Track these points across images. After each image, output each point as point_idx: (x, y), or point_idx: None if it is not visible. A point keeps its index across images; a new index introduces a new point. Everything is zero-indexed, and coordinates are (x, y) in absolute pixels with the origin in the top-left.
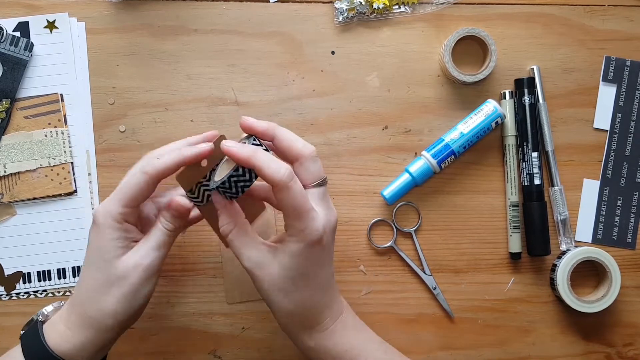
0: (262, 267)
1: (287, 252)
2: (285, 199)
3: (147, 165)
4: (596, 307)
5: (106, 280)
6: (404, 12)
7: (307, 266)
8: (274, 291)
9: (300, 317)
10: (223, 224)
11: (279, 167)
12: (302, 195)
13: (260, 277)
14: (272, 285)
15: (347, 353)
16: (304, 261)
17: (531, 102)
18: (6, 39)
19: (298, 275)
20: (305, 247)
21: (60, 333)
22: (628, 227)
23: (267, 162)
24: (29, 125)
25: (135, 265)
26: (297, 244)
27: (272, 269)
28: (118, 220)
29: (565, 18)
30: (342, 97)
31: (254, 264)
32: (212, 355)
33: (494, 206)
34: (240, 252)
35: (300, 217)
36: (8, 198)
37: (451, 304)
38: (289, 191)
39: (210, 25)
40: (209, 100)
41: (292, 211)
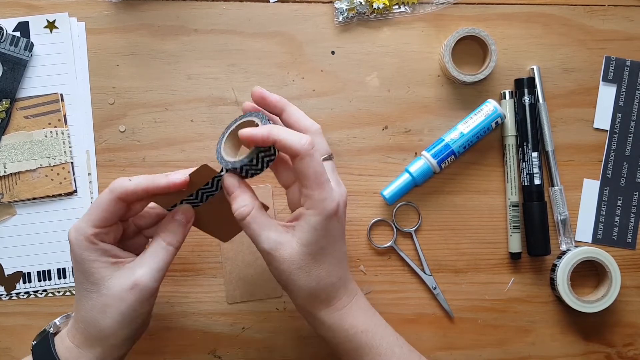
0: (281, 246)
1: (306, 227)
2: (308, 167)
3: (116, 185)
4: (596, 307)
5: (102, 302)
6: (404, 12)
7: (326, 240)
8: (295, 270)
9: (320, 294)
10: (240, 206)
11: (300, 137)
12: (321, 164)
13: (280, 257)
14: (293, 264)
15: (364, 334)
16: (323, 235)
17: (531, 102)
18: (6, 39)
19: (317, 250)
20: (324, 220)
21: (69, 349)
22: (628, 227)
23: (286, 133)
24: (29, 125)
25: (133, 286)
26: (317, 216)
27: (291, 248)
28: (91, 240)
29: (565, 18)
30: (342, 97)
31: (273, 244)
32: (212, 355)
33: (494, 206)
34: (258, 234)
35: (320, 186)
36: (8, 198)
37: (451, 304)
38: (311, 159)
39: (210, 25)
40: (209, 100)
41: (314, 179)
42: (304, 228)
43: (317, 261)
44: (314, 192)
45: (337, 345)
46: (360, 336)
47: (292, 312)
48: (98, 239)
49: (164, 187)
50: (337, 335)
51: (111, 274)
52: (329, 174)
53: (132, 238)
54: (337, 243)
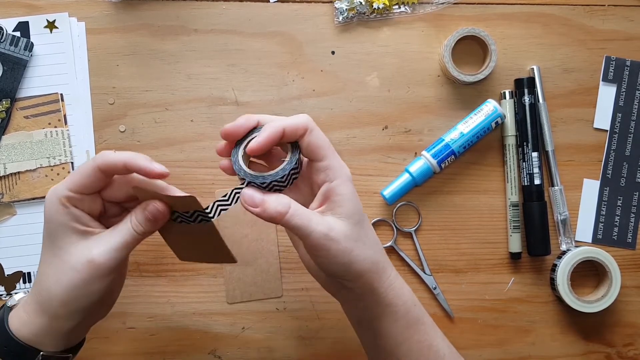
0: (332, 229)
1: (340, 197)
2: (319, 137)
3: (99, 155)
4: (596, 307)
5: (57, 267)
6: (404, 12)
7: (359, 205)
8: (354, 245)
9: (379, 261)
10: (279, 203)
11: (297, 116)
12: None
13: (337, 236)
14: (350, 238)
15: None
16: (356, 199)
17: (531, 102)
18: (6, 39)
19: (359, 217)
20: (351, 185)
21: (20, 318)
22: (628, 227)
23: (286, 119)
24: (29, 125)
25: (89, 260)
26: (345, 184)
27: (340, 225)
28: (64, 203)
29: (565, 18)
30: (342, 97)
31: (326, 227)
32: (212, 355)
33: (494, 206)
34: (307, 224)
35: (334, 153)
36: (8, 198)
37: (451, 304)
38: (317, 129)
39: (210, 25)
40: (209, 100)
41: (328, 147)
42: (339, 201)
43: (365, 228)
44: (332, 161)
45: (396, 321)
46: (414, 310)
47: (292, 312)
48: (71, 203)
49: (142, 168)
50: (398, 308)
51: (76, 242)
52: None
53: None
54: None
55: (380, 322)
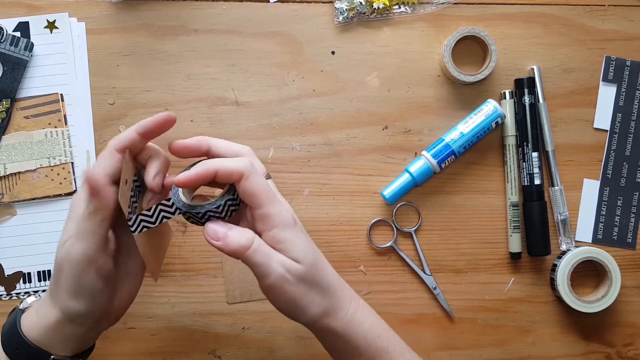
0: (289, 270)
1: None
2: (255, 183)
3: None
4: (596, 307)
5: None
6: (404, 12)
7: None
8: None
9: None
10: (241, 239)
11: (237, 160)
12: (265, 181)
13: (294, 277)
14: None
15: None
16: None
17: (531, 102)
18: (6, 39)
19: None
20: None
21: (30, 320)
22: (628, 227)
23: (223, 161)
24: (29, 125)
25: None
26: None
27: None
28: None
29: (565, 18)
30: (342, 97)
31: (283, 271)
32: (212, 355)
33: (494, 206)
34: (268, 262)
35: (272, 200)
36: (8, 198)
37: (451, 304)
38: (256, 176)
39: (210, 25)
40: (209, 100)
41: (265, 195)
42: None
43: (320, 268)
44: (269, 209)
45: (359, 356)
46: (377, 341)
47: None
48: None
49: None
50: (358, 343)
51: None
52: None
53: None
54: (315, 246)
55: (345, 356)
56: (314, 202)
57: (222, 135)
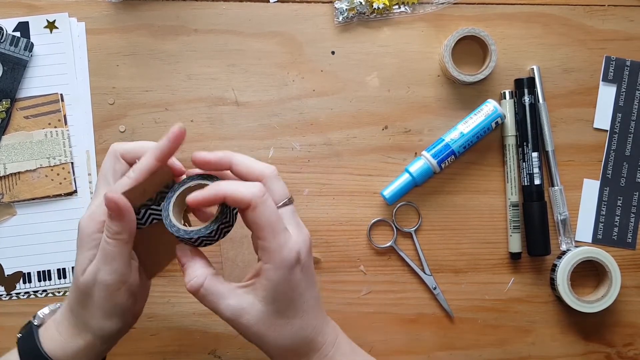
0: (245, 312)
1: (266, 283)
2: (261, 216)
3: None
4: (596, 307)
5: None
6: (404, 12)
7: (292, 292)
8: (265, 331)
9: (297, 350)
10: (192, 277)
11: (250, 186)
12: (276, 211)
13: (246, 322)
14: (262, 325)
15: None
16: (287, 289)
17: (531, 102)
18: (6, 39)
19: (285, 305)
20: (285, 272)
21: (54, 339)
22: (628, 227)
23: (235, 185)
24: (29, 125)
25: (95, 281)
26: (277, 270)
27: (256, 310)
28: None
29: (565, 18)
30: (342, 97)
31: (236, 312)
32: (212, 355)
33: (494, 206)
34: (216, 305)
35: (276, 235)
36: (8, 198)
37: (451, 304)
38: (264, 207)
39: (210, 25)
40: (209, 100)
41: (269, 229)
42: (265, 285)
43: (287, 317)
44: (270, 244)
45: None
46: None
47: None
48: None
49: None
50: None
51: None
52: (289, 219)
53: None
54: (306, 293)
55: None
56: (314, 202)
57: (222, 135)
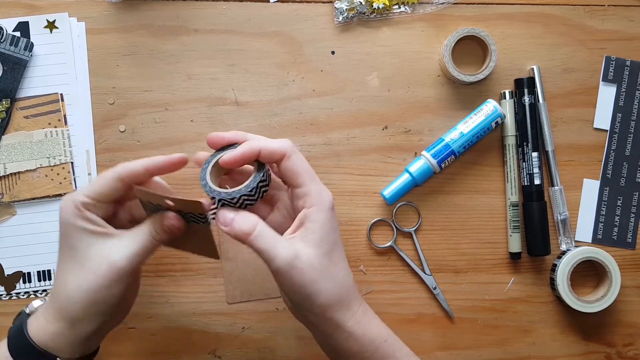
0: (299, 255)
1: (314, 225)
2: (297, 163)
3: (119, 166)
4: (596, 307)
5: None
6: (404, 12)
7: (334, 234)
8: (318, 276)
9: (345, 297)
10: (244, 223)
11: (278, 140)
12: (307, 162)
13: (301, 266)
14: (314, 269)
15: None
16: (331, 229)
17: (531, 102)
18: (6, 39)
19: (331, 247)
20: (328, 212)
21: (39, 324)
22: (628, 227)
23: (267, 140)
24: (29, 125)
25: (110, 263)
26: (321, 211)
27: (307, 254)
28: (79, 207)
29: (565, 18)
30: (342, 97)
31: (291, 255)
32: (212, 355)
33: (494, 206)
34: (270, 247)
35: (314, 180)
36: (8, 198)
37: (451, 304)
38: (298, 155)
39: (210, 25)
40: (209, 100)
41: (307, 174)
42: (312, 228)
43: (334, 259)
44: (311, 187)
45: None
46: (384, 346)
47: None
48: (85, 208)
49: (162, 164)
50: (365, 347)
51: (93, 244)
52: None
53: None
54: (340, 239)
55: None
56: None
57: None
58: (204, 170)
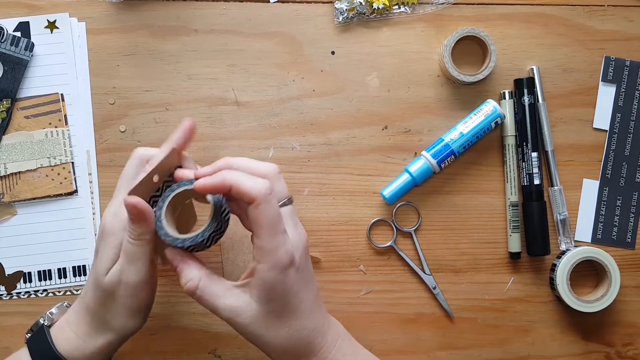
0: (241, 310)
1: (261, 284)
2: (262, 215)
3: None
4: (596, 307)
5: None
6: (404, 12)
7: (286, 294)
8: (261, 331)
9: (295, 351)
10: (187, 279)
11: (256, 181)
12: (278, 212)
13: (243, 322)
14: (258, 325)
15: None
16: (281, 290)
17: (531, 102)
18: (7, 39)
19: (280, 306)
20: (279, 274)
21: (70, 341)
22: (627, 227)
23: (243, 177)
24: (29, 125)
25: (120, 281)
26: (270, 271)
27: (252, 309)
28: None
29: (565, 18)
30: (342, 97)
31: (232, 311)
32: (212, 355)
33: (494, 206)
34: (213, 305)
35: (274, 236)
36: (9, 198)
37: (451, 303)
38: (268, 205)
39: (210, 25)
40: (209, 100)
41: (267, 229)
42: (259, 285)
43: (284, 317)
44: (266, 243)
45: None
46: None
47: None
48: None
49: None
50: None
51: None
52: (287, 219)
53: None
54: (301, 293)
55: None
56: (314, 201)
57: (222, 135)
58: (160, 208)
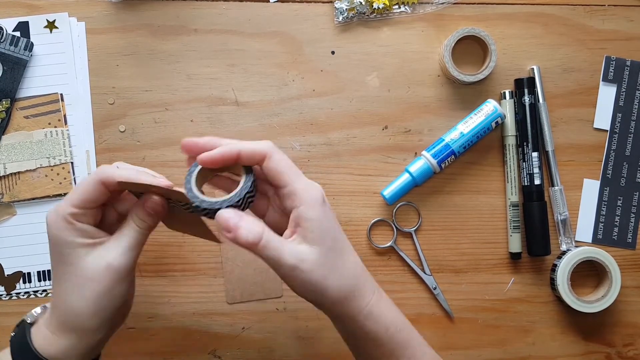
0: (305, 256)
1: (308, 223)
2: (280, 162)
3: (100, 170)
4: (596, 307)
5: (77, 284)
6: (404, 12)
7: (333, 228)
8: (326, 273)
9: (355, 288)
10: (250, 232)
11: (258, 142)
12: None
13: (309, 266)
14: (322, 267)
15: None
16: (327, 224)
17: (531, 102)
18: (6, 38)
19: (333, 242)
20: (319, 207)
21: (45, 337)
22: (628, 227)
23: (247, 143)
24: (29, 125)
25: (107, 266)
26: (311, 208)
27: (312, 253)
28: (69, 220)
29: (565, 18)
30: (342, 97)
31: (299, 258)
32: (212, 355)
33: (494, 206)
34: (279, 254)
35: (299, 176)
36: (8, 198)
37: (451, 304)
38: (280, 154)
39: (210, 25)
40: (209, 100)
41: (291, 172)
42: (308, 227)
43: (339, 253)
44: (296, 185)
45: (379, 347)
46: (398, 335)
47: (292, 312)
48: (75, 219)
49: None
50: (379, 335)
51: (86, 254)
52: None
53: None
54: (341, 230)
55: (364, 346)
56: None
57: (222, 135)
58: (189, 180)
